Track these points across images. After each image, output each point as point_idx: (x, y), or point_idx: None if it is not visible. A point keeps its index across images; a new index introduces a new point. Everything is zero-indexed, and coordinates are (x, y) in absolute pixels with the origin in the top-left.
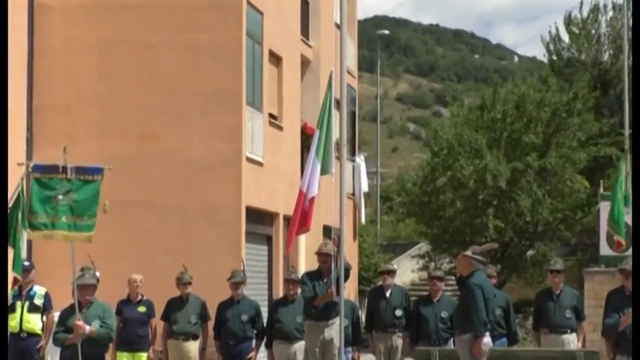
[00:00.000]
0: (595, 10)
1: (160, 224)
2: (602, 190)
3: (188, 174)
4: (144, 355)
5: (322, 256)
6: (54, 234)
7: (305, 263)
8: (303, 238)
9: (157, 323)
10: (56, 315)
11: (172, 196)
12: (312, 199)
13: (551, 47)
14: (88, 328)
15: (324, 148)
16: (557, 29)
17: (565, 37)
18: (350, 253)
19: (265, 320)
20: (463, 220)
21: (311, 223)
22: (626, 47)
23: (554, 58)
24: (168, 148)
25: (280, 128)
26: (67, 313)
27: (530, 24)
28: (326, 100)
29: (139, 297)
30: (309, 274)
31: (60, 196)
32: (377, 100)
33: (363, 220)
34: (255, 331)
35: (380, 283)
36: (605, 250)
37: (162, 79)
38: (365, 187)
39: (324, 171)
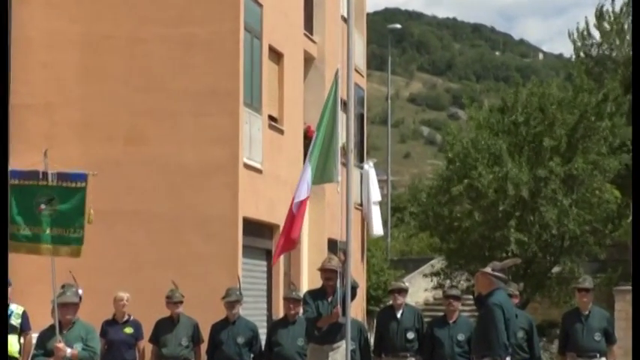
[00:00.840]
0: (629, 3)
1: (149, 236)
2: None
3: (180, 181)
4: None
5: (326, 272)
6: (38, 248)
7: (307, 281)
8: (305, 253)
9: (145, 346)
10: (34, 336)
11: (162, 205)
12: (301, 204)
13: (580, 44)
14: (69, 350)
15: (325, 154)
16: (586, 24)
17: (595, 33)
18: (357, 269)
19: (263, 343)
20: (482, 234)
21: (298, 234)
22: None
23: (583, 55)
24: (158, 152)
25: (281, 132)
26: (47, 335)
27: (556, 18)
28: (329, 100)
29: (126, 317)
30: (312, 293)
31: (42, 205)
32: (387, 101)
33: (375, 232)
34: (252, 355)
35: (390, 302)
36: None
37: (152, 77)
38: (377, 196)
39: (322, 178)
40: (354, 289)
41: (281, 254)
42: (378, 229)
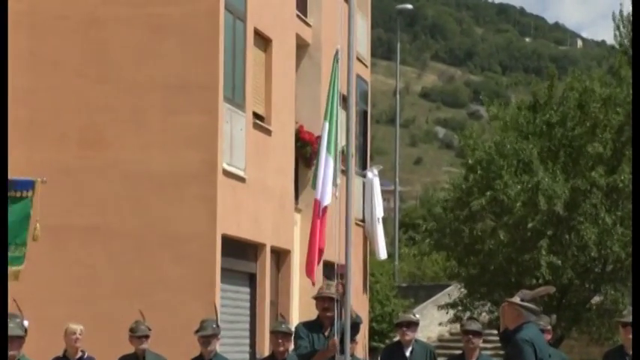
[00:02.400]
0: None
1: (108, 258)
2: None
3: (146, 192)
4: None
5: (323, 301)
6: None
7: (299, 311)
8: (295, 278)
9: None
10: None
11: (125, 220)
12: (325, 209)
13: (623, 29)
14: None
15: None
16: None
17: None
18: (358, 298)
19: None
20: (508, 256)
21: (324, 244)
22: None
23: (627, 43)
24: (120, 157)
25: (268, 132)
26: None
27: None
28: (333, 86)
29: (79, 354)
30: (306, 325)
31: None
32: (396, 96)
33: (381, 254)
34: None
35: (397, 338)
36: None
37: (113, 66)
38: (380, 212)
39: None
40: (356, 324)
41: (315, 266)
42: (382, 250)
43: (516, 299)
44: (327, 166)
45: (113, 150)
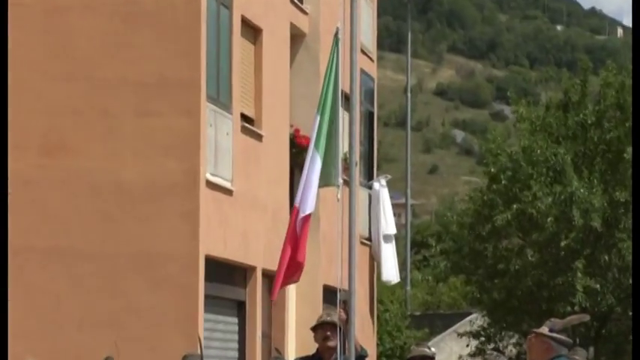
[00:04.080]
0: None
1: (74, 283)
2: None
3: (117, 206)
4: None
5: (323, 329)
6: None
7: (295, 345)
8: (291, 306)
9: None
10: None
11: (92, 240)
12: (306, 218)
13: None
14: None
15: (328, 146)
16: None
17: None
18: (364, 328)
19: None
20: (537, 279)
21: (304, 258)
22: None
23: None
24: (86, 166)
25: (259, 137)
26: None
27: None
28: (330, 70)
29: None
30: None
31: None
32: (407, 94)
33: (388, 277)
34: None
35: None
36: None
37: (78, 62)
38: (391, 228)
39: (326, 180)
40: (361, 358)
41: (284, 286)
42: (392, 273)
43: (544, 329)
44: (311, 167)
45: (78, 158)
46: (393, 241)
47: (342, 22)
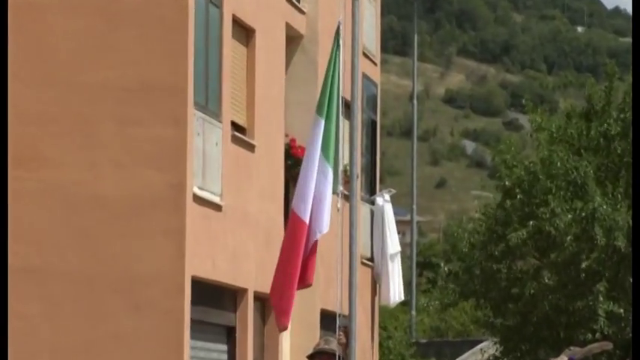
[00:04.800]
0: None
1: (48, 306)
2: None
3: (95, 222)
4: None
5: (320, 359)
6: None
7: None
8: (287, 332)
9: None
10: None
11: (68, 259)
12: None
13: None
14: None
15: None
16: None
17: None
18: (366, 356)
19: None
20: (555, 303)
21: (313, 275)
22: None
23: None
24: (62, 178)
25: (251, 147)
26: None
27: None
28: (333, 67)
29: None
30: None
31: None
32: (413, 101)
33: (390, 300)
34: None
35: None
36: None
37: (52, 65)
38: (393, 246)
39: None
40: None
41: (290, 311)
42: (394, 294)
43: (564, 358)
44: (322, 179)
45: (53, 170)
46: (397, 260)
47: (343, 24)
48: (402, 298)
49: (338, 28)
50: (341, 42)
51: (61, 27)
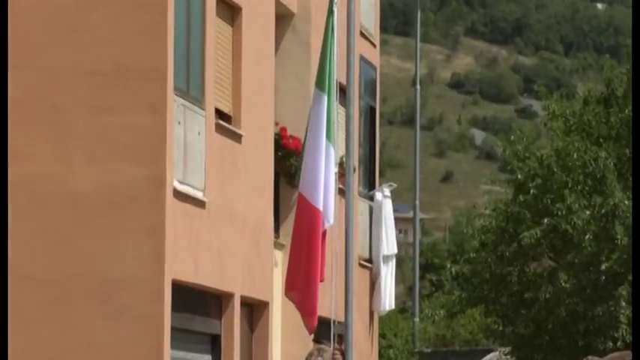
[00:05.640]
0: None
1: (17, 313)
2: None
3: (66, 221)
4: None
5: None
6: None
7: None
8: (276, 339)
9: None
10: None
11: (37, 261)
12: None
13: None
14: None
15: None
16: None
17: None
18: None
19: None
20: (572, 309)
21: (324, 270)
22: None
23: None
24: (31, 172)
25: (237, 137)
26: None
27: None
28: (328, 46)
29: None
30: None
31: None
32: (415, 86)
33: (384, 306)
34: None
35: None
36: None
37: (21, 47)
38: (391, 248)
39: None
40: None
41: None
42: (385, 302)
43: None
44: (327, 163)
45: (20, 163)
46: (394, 261)
47: (337, 2)
48: (393, 306)
49: (331, 4)
50: (335, 21)
51: (28, 6)
